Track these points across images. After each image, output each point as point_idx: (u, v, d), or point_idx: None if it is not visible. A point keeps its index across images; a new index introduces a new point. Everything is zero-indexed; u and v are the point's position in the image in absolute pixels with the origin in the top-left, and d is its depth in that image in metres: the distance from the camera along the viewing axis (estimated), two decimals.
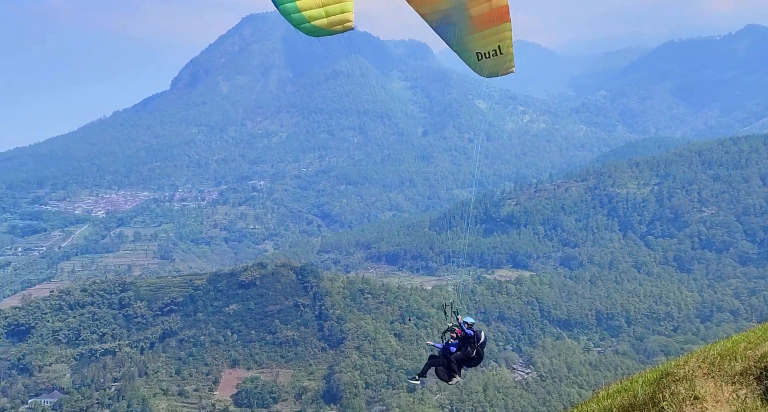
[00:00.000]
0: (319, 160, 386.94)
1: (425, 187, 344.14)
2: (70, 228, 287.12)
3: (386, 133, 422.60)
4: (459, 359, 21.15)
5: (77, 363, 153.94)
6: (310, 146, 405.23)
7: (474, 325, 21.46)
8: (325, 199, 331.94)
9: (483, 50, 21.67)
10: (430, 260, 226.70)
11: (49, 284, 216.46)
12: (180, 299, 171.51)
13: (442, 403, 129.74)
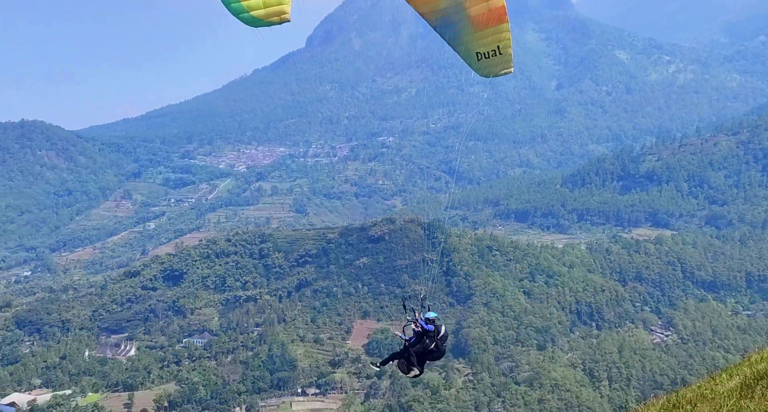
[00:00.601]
0: (448, 117, 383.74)
1: (557, 143, 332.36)
2: (216, 181, 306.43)
3: (517, 87, 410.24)
4: (418, 352, 21.24)
5: (224, 308, 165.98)
6: (438, 102, 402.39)
7: (436, 320, 21.47)
8: (454, 155, 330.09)
9: (483, 50, 21.94)
10: (562, 217, 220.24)
11: (198, 234, 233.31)
12: (314, 251, 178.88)
13: (574, 362, 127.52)
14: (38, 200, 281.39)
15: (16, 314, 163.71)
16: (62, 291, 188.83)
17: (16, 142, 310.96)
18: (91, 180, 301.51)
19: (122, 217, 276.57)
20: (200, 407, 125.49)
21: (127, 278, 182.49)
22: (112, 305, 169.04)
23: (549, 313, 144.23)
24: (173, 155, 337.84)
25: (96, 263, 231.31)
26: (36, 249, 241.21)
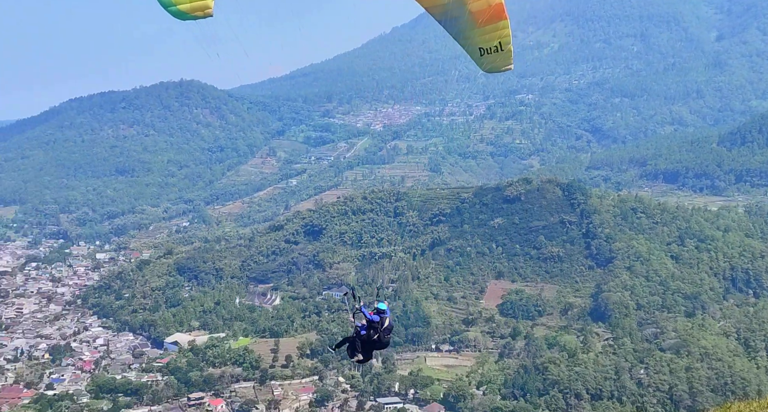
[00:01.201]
0: (593, 72, 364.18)
1: (715, 99, 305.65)
2: (353, 140, 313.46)
3: (672, 39, 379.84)
4: (363, 340, 21.97)
5: (360, 263, 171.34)
6: (583, 57, 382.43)
7: (384, 312, 21.97)
8: (597, 113, 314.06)
9: (485, 46, 22.38)
10: (717, 178, 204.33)
11: (336, 191, 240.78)
12: (448, 210, 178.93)
13: (727, 331, 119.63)
14: (194, 156, 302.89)
15: (177, 261, 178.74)
16: (215, 242, 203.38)
17: (176, 100, 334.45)
18: (240, 137, 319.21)
19: (267, 173, 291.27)
20: (339, 357, 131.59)
21: (272, 231, 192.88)
22: (258, 257, 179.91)
23: (699, 279, 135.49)
24: (314, 114, 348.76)
25: (244, 217, 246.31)
26: (193, 201, 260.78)
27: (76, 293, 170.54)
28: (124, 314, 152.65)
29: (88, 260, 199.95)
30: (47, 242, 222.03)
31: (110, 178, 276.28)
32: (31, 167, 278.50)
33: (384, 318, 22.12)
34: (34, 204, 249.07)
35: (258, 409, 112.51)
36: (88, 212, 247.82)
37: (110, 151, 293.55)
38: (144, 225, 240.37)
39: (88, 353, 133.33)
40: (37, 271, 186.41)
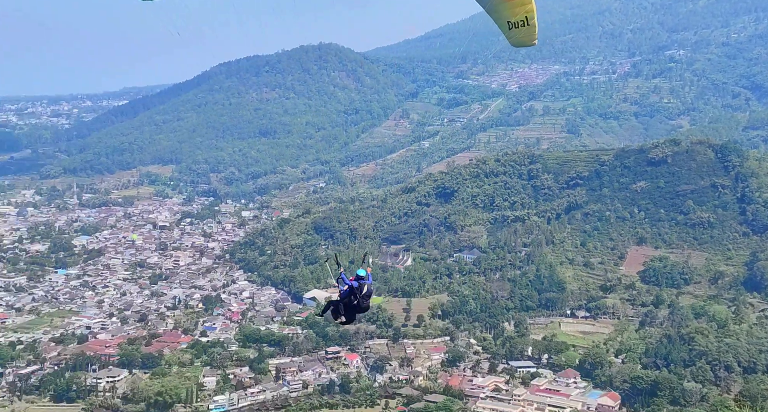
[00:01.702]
0: (755, 24, 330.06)
1: None
2: (487, 101, 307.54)
3: None
4: (345, 303, 22.93)
5: (492, 226, 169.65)
6: (745, 7, 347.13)
7: (364, 278, 22.71)
8: (759, 69, 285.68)
9: (513, 19, 22.96)
10: None
11: (469, 153, 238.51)
12: (585, 173, 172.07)
13: None
14: (331, 118, 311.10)
15: (314, 220, 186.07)
16: (350, 202, 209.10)
17: (314, 63, 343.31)
18: (375, 100, 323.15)
19: (400, 135, 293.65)
20: (471, 318, 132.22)
21: (404, 193, 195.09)
22: (391, 218, 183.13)
23: None
24: (448, 75, 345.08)
25: (377, 178, 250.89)
26: (329, 163, 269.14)
27: (224, 247, 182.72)
28: (267, 269, 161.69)
29: (235, 217, 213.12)
30: (199, 200, 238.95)
31: (254, 139, 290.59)
32: (185, 129, 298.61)
33: (363, 285, 22.92)
34: (188, 163, 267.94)
35: (391, 365, 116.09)
36: (234, 172, 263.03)
37: (254, 113, 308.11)
38: (284, 185, 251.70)
39: (236, 304, 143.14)
40: (191, 226, 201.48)
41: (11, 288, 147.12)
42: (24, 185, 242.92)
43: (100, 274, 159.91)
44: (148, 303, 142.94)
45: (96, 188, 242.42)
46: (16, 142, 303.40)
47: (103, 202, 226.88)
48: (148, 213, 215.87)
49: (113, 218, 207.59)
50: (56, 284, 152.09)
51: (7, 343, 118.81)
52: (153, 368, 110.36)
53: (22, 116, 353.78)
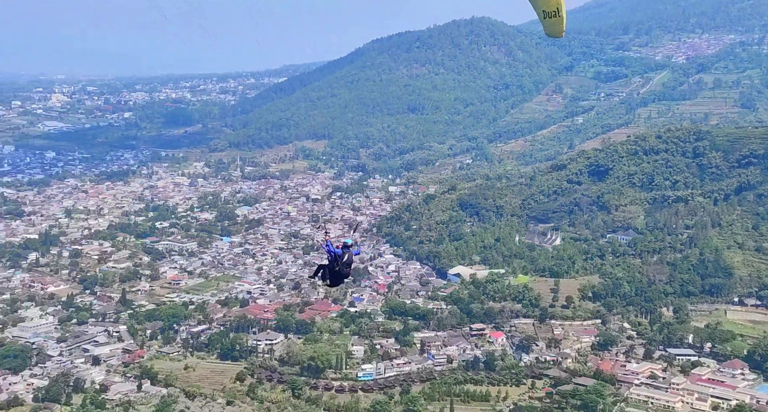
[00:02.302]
0: None
1: None
2: (650, 74, 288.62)
3: None
4: (329, 268, 25.11)
5: (650, 207, 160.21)
6: None
7: (350, 247, 24.92)
8: None
9: (547, 9, 24.56)
10: None
11: (626, 129, 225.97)
12: (761, 151, 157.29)
13: None
14: (480, 94, 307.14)
15: (460, 197, 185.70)
16: (497, 179, 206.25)
17: (465, 38, 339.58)
18: (526, 74, 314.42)
19: (552, 111, 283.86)
20: (624, 302, 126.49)
21: (554, 170, 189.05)
22: (539, 196, 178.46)
23: None
24: (607, 47, 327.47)
25: (526, 155, 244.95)
26: (476, 139, 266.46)
27: (371, 221, 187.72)
28: (412, 244, 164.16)
29: (382, 192, 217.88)
30: (349, 174, 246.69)
31: (402, 115, 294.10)
32: (337, 105, 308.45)
33: (346, 253, 24.95)
34: (339, 139, 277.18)
35: (538, 346, 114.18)
36: (382, 148, 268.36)
37: (403, 89, 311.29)
38: (431, 161, 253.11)
39: (382, 277, 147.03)
40: (341, 200, 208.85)
41: (184, 252, 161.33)
42: (195, 157, 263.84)
43: (259, 243, 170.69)
44: (302, 272, 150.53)
45: (256, 162, 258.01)
46: (189, 117, 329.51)
47: (262, 175, 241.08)
48: (302, 186, 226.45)
49: (271, 191, 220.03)
50: (222, 250, 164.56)
51: (180, 303, 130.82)
52: (306, 334, 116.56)
53: (195, 93, 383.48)
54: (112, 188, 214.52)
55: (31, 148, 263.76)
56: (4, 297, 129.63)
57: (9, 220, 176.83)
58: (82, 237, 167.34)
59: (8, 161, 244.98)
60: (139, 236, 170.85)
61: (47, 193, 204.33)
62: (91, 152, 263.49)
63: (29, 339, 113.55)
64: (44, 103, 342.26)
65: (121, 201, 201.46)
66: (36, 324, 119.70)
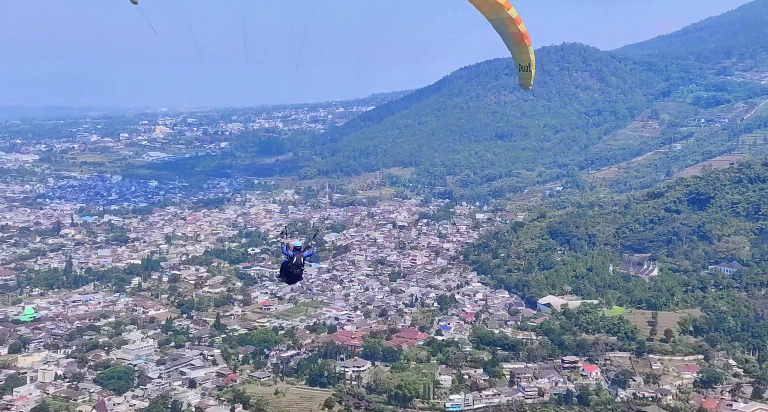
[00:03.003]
0: None
1: None
2: (754, 99, 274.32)
3: None
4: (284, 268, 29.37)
5: (756, 237, 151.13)
6: None
7: (298, 249, 29.04)
8: None
9: (522, 63, 29.05)
10: None
11: (729, 156, 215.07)
12: None
13: None
14: (571, 120, 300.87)
15: (550, 225, 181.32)
16: (589, 207, 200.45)
17: (556, 64, 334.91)
18: (620, 100, 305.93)
19: (648, 137, 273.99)
20: (729, 337, 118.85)
21: (651, 198, 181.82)
22: (634, 224, 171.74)
23: None
24: (707, 72, 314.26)
25: (620, 182, 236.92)
26: (567, 166, 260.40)
27: (458, 249, 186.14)
28: (500, 272, 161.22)
29: (469, 220, 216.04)
30: (435, 201, 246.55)
31: (490, 142, 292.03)
32: (424, 132, 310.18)
33: (296, 255, 28.81)
34: (426, 166, 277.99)
35: (635, 381, 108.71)
36: (469, 174, 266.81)
37: (491, 116, 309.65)
38: (519, 188, 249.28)
39: (469, 305, 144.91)
40: (427, 226, 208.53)
41: (274, 278, 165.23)
42: (286, 185, 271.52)
43: (346, 269, 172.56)
44: (388, 299, 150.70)
45: (344, 189, 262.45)
46: (281, 145, 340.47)
47: (349, 202, 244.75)
48: (389, 213, 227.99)
49: (358, 217, 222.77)
50: (310, 276, 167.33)
51: (271, 328, 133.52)
52: (393, 362, 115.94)
53: (287, 122, 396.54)
54: (209, 215, 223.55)
55: (136, 178, 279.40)
56: (109, 320, 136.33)
57: (115, 246, 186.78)
58: (181, 262, 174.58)
59: (116, 190, 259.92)
60: (232, 261, 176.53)
61: (150, 220, 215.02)
62: (190, 181, 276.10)
63: (131, 361, 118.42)
64: (149, 134, 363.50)
65: (216, 227, 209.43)
66: (138, 347, 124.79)
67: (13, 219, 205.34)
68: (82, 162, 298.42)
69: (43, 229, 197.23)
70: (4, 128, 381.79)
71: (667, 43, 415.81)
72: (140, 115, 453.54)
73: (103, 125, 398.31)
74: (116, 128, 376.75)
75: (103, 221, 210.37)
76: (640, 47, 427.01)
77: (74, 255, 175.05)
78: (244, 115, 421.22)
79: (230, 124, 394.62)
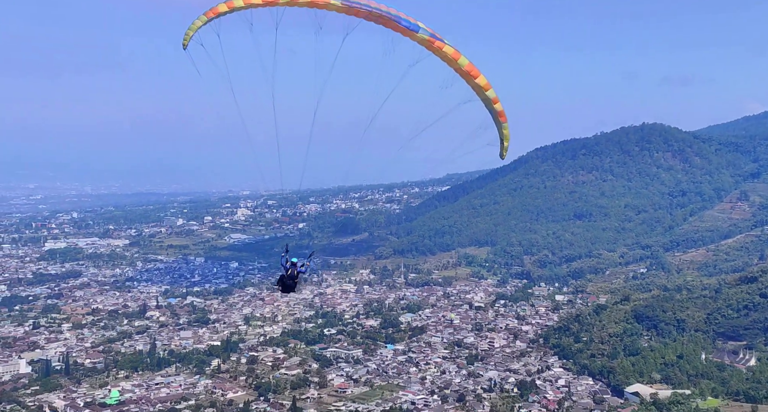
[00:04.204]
0: None
1: None
2: None
3: None
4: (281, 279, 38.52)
5: None
6: None
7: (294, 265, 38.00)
8: None
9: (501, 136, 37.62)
10: None
11: None
12: None
13: None
14: (653, 200, 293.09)
15: (635, 308, 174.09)
16: (676, 290, 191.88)
17: (636, 144, 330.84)
18: (706, 181, 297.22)
19: (738, 219, 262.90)
20: None
21: (744, 283, 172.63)
22: (727, 310, 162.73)
23: None
24: None
25: (709, 265, 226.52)
26: (651, 247, 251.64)
27: (538, 332, 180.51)
28: (583, 357, 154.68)
29: (548, 301, 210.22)
30: (513, 282, 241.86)
31: (568, 222, 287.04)
32: (500, 212, 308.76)
33: (292, 269, 35.53)
34: (502, 246, 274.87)
35: None
36: (548, 255, 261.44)
37: (569, 196, 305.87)
38: (600, 269, 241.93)
39: (551, 392, 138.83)
40: (505, 308, 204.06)
41: (350, 360, 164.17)
42: (362, 265, 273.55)
43: (422, 351, 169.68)
44: (466, 383, 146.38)
45: (419, 268, 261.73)
46: (357, 225, 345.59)
47: (425, 282, 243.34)
48: (465, 293, 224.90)
49: (434, 297, 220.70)
50: (386, 358, 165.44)
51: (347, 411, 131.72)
52: None
53: (363, 203, 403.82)
54: (286, 296, 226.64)
55: (218, 260, 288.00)
56: (189, 403, 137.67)
57: (197, 327, 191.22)
58: (258, 343, 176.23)
59: (199, 272, 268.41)
60: (309, 342, 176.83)
61: (230, 302, 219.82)
62: (269, 262, 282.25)
63: None
64: (231, 217, 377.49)
65: (293, 308, 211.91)
66: None
67: (103, 302, 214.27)
68: (168, 245, 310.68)
69: (130, 311, 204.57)
70: (99, 215, 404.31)
71: (753, 124, 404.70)
72: (223, 199, 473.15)
73: (188, 209, 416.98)
74: (201, 212, 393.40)
75: (186, 303, 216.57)
76: (725, 128, 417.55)
77: (158, 337, 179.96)
78: (322, 197, 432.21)
79: (308, 206, 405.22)
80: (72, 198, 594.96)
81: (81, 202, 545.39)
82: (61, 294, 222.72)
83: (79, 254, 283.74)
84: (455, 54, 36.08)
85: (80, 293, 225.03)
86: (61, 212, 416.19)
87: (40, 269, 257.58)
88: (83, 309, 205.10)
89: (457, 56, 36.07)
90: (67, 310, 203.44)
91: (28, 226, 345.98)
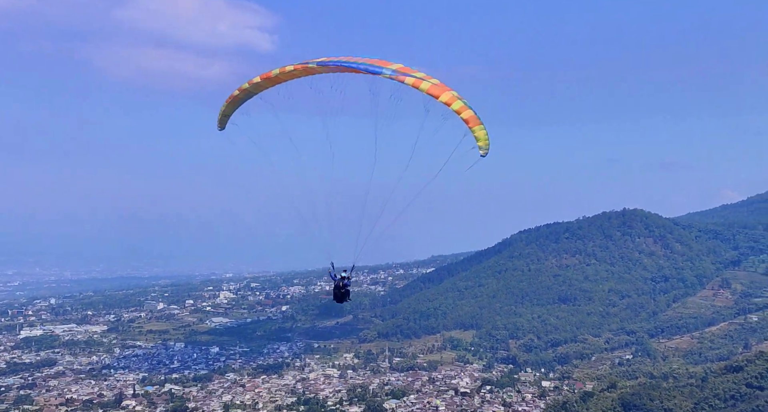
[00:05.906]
0: None
1: None
2: None
3: None
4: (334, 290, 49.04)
5: None
6: None
7: (345, 276, 49.93)
8: None
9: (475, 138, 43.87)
10: None
11: None
12: None
13: None
14: (636, 286, 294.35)
15: (622, 396, 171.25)
16: (662, 378, 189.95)
17: (618, 229, 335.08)
18: (687, 267, 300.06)
19: (721, 306, 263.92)
20: None
21: (730, 372, 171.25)
22: (714, 400, 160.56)
23: None
24: None
25: (694, 353, 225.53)
26: (635, 333, 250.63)
27: None
28: None
29: (535, 387, 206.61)
30: (499, 366, 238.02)
31: (553, 306, 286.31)
32: (485, 294, 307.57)
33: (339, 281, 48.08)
34: (487, 329, 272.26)
35: None
36: (533, 339, 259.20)
37: (553, 279, 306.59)
38: (586, 355, 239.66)
39: None
40: (491, 394, 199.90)
41: None
42: (345, 348, 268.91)
43: None
44: None
45: (404, 352, 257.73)
46: (341, 308, 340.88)
47: (410, 366, 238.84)
48: (450, 378, 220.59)
49: (419, 383, 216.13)
50: None
51: None
52: None
53: None
54: (267, 381, 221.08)
55: (198, 344, 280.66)
56: None
57: None
58: None
59: (178, 358, 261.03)
60: None
61: (209, 388, 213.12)
62: (251, 346, 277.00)
63: None
64: (213, 300, 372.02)
65: (274, 394, 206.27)
66: None
67: (78, 392, 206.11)
68: (147, 330, 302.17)
69: (105, 401, 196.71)
70: (78, 301, 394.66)
71: (731, 212, 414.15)
72: (206, 282, 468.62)
73: (170, 292, 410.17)
74: (182, 295, 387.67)
75: (163, 391, 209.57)
76: (704, 215, 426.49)
77: None
78: (306, 278, 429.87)
79: (292, 288, 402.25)
80: (51, 284, 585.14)
81: (60, 287, 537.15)
82: (34, 384, 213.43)
83: (56, 342, 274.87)
84: (416, 82, 42.40)
85: (54, 383, 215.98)
86: (39, 298, 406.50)
87: (14, 357, 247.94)
88: (57, 400, 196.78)
89: (419, 83, 42.30)
90: (40, 401, 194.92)
91: (3, 313, 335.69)
